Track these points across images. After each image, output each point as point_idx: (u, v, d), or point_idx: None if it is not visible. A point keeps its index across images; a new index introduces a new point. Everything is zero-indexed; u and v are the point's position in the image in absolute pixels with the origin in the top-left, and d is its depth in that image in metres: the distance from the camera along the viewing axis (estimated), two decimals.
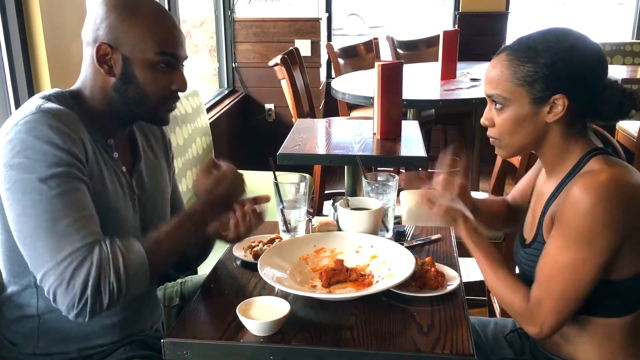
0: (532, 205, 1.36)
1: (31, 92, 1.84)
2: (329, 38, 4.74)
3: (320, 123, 2.77)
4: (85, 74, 1.27)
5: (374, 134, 2.40)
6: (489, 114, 1.26)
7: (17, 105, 1.83)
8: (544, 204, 1.26)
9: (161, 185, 1.45)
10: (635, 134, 3.53)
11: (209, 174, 1.32)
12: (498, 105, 1.23)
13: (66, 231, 1.11)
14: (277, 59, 3.16)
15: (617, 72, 3.83)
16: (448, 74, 3.45)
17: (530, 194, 1.41)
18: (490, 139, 1.29)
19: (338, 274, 1.30)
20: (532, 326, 1.19)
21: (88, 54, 1.25)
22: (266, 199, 1.37)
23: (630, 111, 1.20)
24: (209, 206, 1.29)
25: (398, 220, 1.49)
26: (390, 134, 2.36)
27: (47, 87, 1.86)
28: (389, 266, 1.31)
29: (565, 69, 1.16)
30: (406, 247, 1.37)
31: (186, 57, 1.29)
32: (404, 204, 2.43)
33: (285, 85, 3.23)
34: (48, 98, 1.22)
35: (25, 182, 1.11)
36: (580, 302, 1.16)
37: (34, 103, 1.19)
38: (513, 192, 1.52)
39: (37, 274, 1.13)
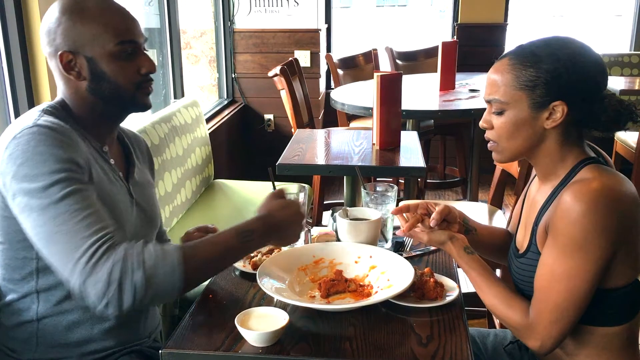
0: (525, 214, 1.36)
1: (31, 102, 1.85)
2: (329, 49, 4.76)
3: (320, 133, 2.78)
4: (60, 87, 1.30)
5: (373, 144, 2.40)
6: (487, 117, 1.27)
7: (17, 115, 1.84)
8: (537, 212, 1.27)
9: (152, 195, 1.47)
10: (634, 145, 3.54)
11: (276, 198, 1.30)
12: (497, 111, 1.24)
13: (76, 229, 1.09)
14: (277, 70, 3.17)
15: (615, 83, 3.84)
16: (447, 84, 3.46)
17: (522, 202, 1.41)
18: (489, 143, 1.30)
19: (337, 285, 1.30)
20: (533, 340, 1.18)
21: (54, 66, 1.26)
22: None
23: (627, 123, 1.20)
24: (264, 226, 1.23)
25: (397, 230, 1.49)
26: (389, 144, 2.36)
27: (47, 97, 1.86)
28: (388, 277, 1.31)
29: (567, 76, 1.17)
30: (405, 258, 1.37)
31: (145, 40, 1.30)
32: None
33: (284, 95, 3.24)
34: (44, 111, 1.23)
35: (32, 193, 1.12)
36: (579, 312, 1.15)
37: (31, 117, 1.20)
38: (511, 225, 1.50)
39: (63, 278, 1.10)
